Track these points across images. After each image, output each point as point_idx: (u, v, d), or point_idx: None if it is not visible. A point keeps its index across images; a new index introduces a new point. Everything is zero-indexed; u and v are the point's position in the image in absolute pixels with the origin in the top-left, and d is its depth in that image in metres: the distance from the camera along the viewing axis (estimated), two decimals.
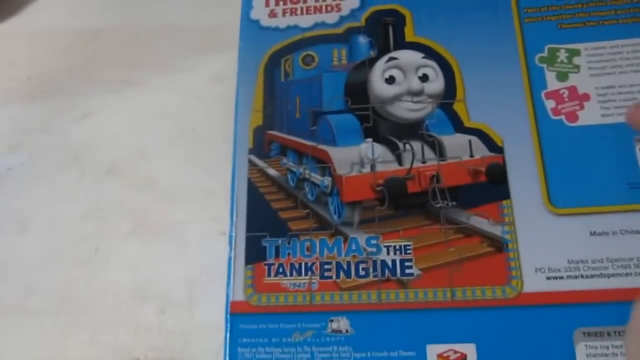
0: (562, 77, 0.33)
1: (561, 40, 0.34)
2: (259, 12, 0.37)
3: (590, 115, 0.32)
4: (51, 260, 0.38)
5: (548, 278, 0.30)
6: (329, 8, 0.37)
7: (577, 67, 0.34)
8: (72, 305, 0.37)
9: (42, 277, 0.35)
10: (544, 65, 0.34)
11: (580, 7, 0.35)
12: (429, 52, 0.35)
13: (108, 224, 0.39)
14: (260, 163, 0.34)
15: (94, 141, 0.43)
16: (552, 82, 0.33)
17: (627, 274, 0.30)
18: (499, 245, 0.31)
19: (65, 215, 0.40)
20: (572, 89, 0.33)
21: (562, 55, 0.34)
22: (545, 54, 0.34)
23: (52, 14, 0.55)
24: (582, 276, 0.30)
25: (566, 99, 0.33)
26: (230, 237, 0.32)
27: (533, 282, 0.30)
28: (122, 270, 0.37)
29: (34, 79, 0.51)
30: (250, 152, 0.34)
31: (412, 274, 0.31)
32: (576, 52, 0.34)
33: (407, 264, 0.31)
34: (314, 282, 0.31)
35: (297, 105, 0.35)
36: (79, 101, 0.45)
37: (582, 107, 0.33)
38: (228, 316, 0.31)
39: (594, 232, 0.30)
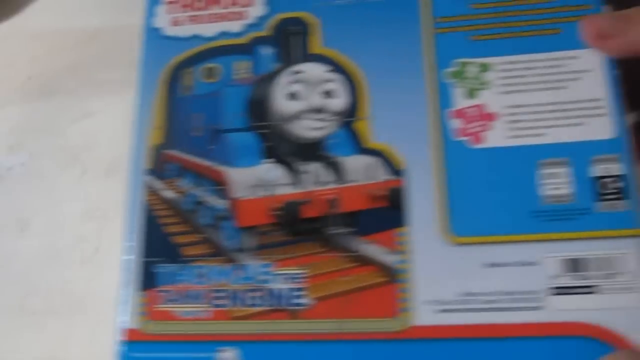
0: (470, 94, 0.32)
1: (472, 54, 0.32)
2: (162, 20, 0.35)
3: (495, 137, 0.31)
4: (51, 260, 0.38)
5: (439, 311, 0.29)
6: (234, 15, 0.35)
7: (487, 83, 0.32)
8: (72, 305, 0.37)
9: (42, 277, 0.35)
10: (453, 81, 0.32)
11: (494, 16, 0.32)
12: (335, 66, 0.33)
13: (108, 224, 0.39)
14: (157, 184, 0.33)
15: (94, 141, 0.43)
16: (460, 100, 0.32)
17: (520, 309, 0.29)
18: (392, 275, 0.30)
19: (65, 215, 0.41)
20: (480, 108, 0.31)
21: (472, 70, 0.32)
22: (454, 69, 0.32)
23: (52, 14, 0.55)
24: (474, 309, 0.29)
25: (472, 119, 0.31)
26: (125, 262, 0.32)
27: (423, 315, 0.29)
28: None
29: (34, 79, 0.51)
30: (148, 172, 0.33)
31: (303, 304, 0.30)
32: (486, 67, 0.32)
33: (299, 293, 0.30)
34: (205, 311, 0.31)
35: (197, 122, 0.33)
36: (79, 101, 0.45)
37: (488, 128, 0.31)
38: (120, 344, 0.31)
39: (490, 263, 0.29)
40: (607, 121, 0.30)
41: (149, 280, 0.31)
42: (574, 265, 0.29)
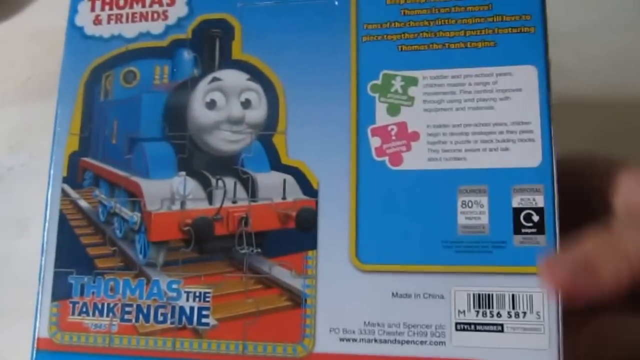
0: (393, 110, 0.30)
1: (399, 66, 0.30)
2: (84, 18, 0.34)
3: (415, 159, 0.29)
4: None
5: (341, 339, 0.28)
6: (155, 15, 0.33)
7: (412, 99, 0.30)
8: None
9: None
10: (376, 96, 0.30)
11: (426, 24, 0.30)
12: (254, 73, 0.31)
13: None
14: (73, 194, 0.32)
15: None
16: (382, 116, 0.30)
17: (422, 342, 0.28)
18: (297, 300, 0.29)
19: None
20: (402, 126, 0.30)
21: (397, 84, 0.30)
22: (379, 82, 0.30)
23: (52, 14, 0.53)
24: (375, 340, 0.28)
25: (393, 138, 0.30)
26: (40, 270, 0.32)
27: (325, 343, 0.29)
28: None
29: (34, 79, 0.51)
30: (64, 180, 0.32)
31: (207, 324, 0.30)
32: (413, 81, 0.30)
33: (204, 312, 0.30)
34: (114, 324, 0.31)
35: (115, 129, 0.32)
36: None
37: (409, 148, 0.29)
38: (34, 352, 0.31)
39: (397, 294, 0.28)
40: (533, 147, 0.28)
41: (62, 291, 0.31)
42: (483, 301, 0.28)
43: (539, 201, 0.28)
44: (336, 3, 0.31)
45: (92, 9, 0.34)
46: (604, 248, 0.27)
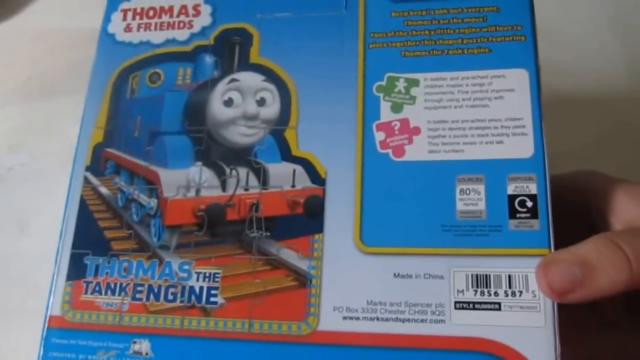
0: (396, 108, 0.32)
1: (402, 69, 0.33)
2: (116, 26, 0.37)
3: (417, 151, 0.31)
4: (51, 260, 0.40)
5: (344, 318, 0.30)
6: (182, 24, 0.36)
7: (413, 98, 0.32)
8: None
9: (42, 277, 0.37)
10: (381, 95, 0.33)
11: (427, 33, 0.33)
12: (270, 75, 0.34)
13: None
14: (94, 181, 0.34)
15: None
16: (386, 113, 0.32)
17: (422, 320, 0.29)
18: (303, 280, 0.30)
19: None
20: (404, 122, 0.32)
21: (401, 85, 0.33)
22: (383, 83, 0.33)
23: (52, 14, 0.56)
24: (377, 319, 0.29)
25: (396, 132, 0.32)
26: (57, 252, 0.33)
27: (329, 321, 0.30)
28: None
29: (33, 79, 0.53)
30: (87, 169, 0.34)
31: (215, 303, 0.31)
32: (415, 82, 0.32)
33: (213, 292, 0.31)
34: (125, 303, 0.32)
35: (138, 123, 0.35)
36: (79, 101, 0.46)
37: (410, 142, 0.32)
38: (45, 329, 0.32)
39: (398, 274, 0.30)
40: (526, 140, 0.30)
41: (77, 271, 0.33)
42: (481, 281, 0.29)
43: (532, 188, 0.30)
44: (345, 11, 0.34)
45: (124, 19, 0.37)
46: (604, 248, 0.28)
